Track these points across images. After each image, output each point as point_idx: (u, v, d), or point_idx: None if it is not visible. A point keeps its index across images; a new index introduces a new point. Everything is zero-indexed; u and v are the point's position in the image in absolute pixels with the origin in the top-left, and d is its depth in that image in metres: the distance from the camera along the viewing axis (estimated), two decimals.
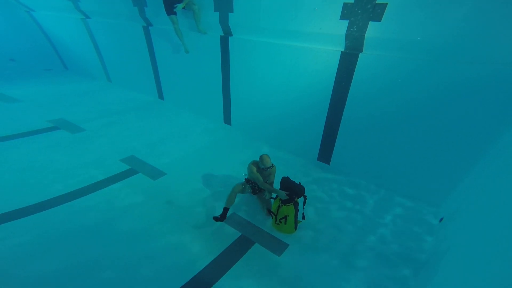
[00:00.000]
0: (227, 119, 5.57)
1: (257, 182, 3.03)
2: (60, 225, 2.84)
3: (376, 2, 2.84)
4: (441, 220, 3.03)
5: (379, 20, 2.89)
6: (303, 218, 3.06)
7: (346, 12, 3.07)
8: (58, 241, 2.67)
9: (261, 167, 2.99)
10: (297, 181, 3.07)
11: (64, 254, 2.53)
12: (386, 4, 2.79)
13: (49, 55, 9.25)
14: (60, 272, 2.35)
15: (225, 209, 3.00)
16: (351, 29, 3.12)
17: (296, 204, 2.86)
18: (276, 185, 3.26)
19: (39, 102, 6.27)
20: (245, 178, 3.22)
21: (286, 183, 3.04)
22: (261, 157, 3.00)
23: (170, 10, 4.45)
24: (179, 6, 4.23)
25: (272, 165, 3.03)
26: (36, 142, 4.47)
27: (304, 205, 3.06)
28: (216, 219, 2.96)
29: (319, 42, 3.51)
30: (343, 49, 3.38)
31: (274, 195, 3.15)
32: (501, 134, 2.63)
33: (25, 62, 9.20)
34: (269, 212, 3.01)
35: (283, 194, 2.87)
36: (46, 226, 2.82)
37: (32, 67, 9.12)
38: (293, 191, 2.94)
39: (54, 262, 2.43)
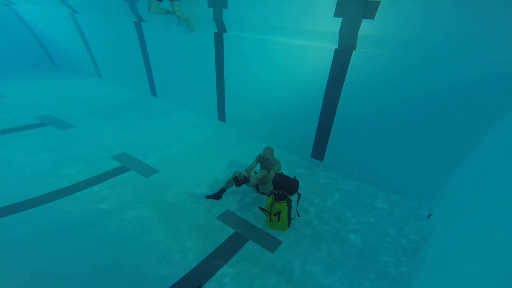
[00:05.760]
0: (221, 116, 5.53)
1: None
2: (47, 224, 2.76)
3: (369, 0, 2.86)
4: (429, 216, 3.09)
5: (372, 17, 2.92)
6: (297, 215, 3.07)
7: (340, 10, 3.08)
8: (44, 240, 2.59)
9: (261, 156, 3.28)
10: (291, 177, 3.09)
11: (52, 254, 2.45)
12: (379, 1, 2.82)
13: (35, 50, 8.91)
14: (44, 272, 2.29)
15: (221, 190, 3.22)
16: (345, 27, 3.13)
17: (289, 201, 2.87)
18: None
19: (25, 98, 6.05)
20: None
21: (280, 179, 3.04)
22: (265, 147, 3.29)
23: None
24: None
25: (269, 159, 3.20)
26: (22, 139, 4.32)
27: (298, 202, 3.07)
28: (209, 197, 3.16)
29: (313, 39, 3.51)
30: (336, 47, 3.40)
31: (268, 192, 3.16)
32: (488, 130, 2.71)
33: (8, 56, 8.84)
34: (261, 209, 3.01)
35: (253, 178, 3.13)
36: (30, 225, 2.74)
37: (17, 62, 8.79)
38: (287, 187, 2.95)
39: (37, 262, 2.36)
